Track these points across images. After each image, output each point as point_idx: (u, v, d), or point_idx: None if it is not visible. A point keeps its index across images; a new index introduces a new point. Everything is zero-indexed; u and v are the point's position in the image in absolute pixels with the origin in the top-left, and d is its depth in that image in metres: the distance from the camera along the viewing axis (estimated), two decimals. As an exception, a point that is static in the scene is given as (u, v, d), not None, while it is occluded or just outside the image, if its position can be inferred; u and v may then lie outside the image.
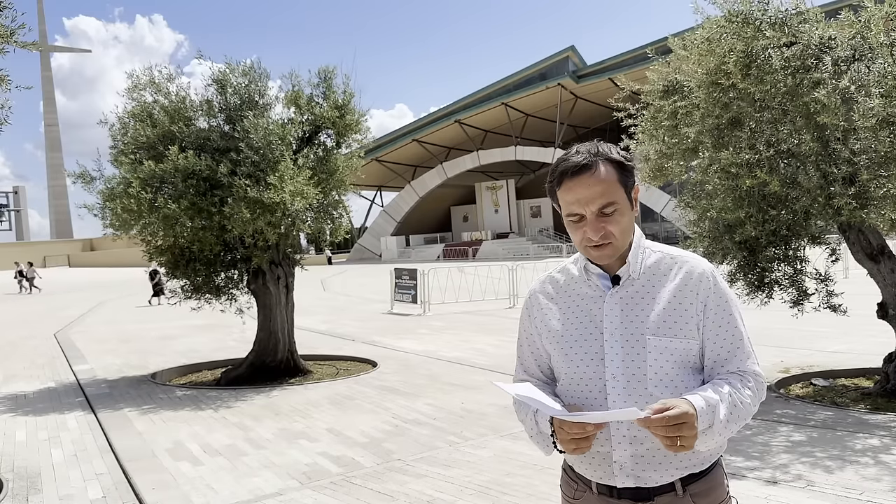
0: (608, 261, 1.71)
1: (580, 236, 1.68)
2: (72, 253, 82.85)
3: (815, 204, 5.92)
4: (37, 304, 25.05)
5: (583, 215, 1.65)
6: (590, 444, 1.58)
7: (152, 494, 4.83)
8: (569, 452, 1.62)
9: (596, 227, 1.65)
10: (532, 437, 1.77)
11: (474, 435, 5.94)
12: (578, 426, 1.54)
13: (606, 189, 1.64)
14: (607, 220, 1.65)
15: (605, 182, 1.64)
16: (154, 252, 8.84)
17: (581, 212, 1.65)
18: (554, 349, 1.77)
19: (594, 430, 1.55)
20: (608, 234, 1.65)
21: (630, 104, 7.06)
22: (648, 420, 1.49)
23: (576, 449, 1.58)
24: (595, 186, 1.63)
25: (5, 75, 4.74)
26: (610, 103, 7.45)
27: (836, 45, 5.45)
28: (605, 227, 1.65)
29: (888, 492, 4.20)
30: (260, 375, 8.87)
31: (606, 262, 1.72)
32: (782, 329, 9.37)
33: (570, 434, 1.56)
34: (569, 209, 1.67)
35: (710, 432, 1.56)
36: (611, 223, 1.65)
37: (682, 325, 1.67)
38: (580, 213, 1.65)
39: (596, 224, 1.65)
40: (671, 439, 1.49)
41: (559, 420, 1.57)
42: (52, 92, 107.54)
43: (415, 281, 16.81)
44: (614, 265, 1.73)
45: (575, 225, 1.68)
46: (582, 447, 1.58)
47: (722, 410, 1.57)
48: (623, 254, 1.72)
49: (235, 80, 8.63)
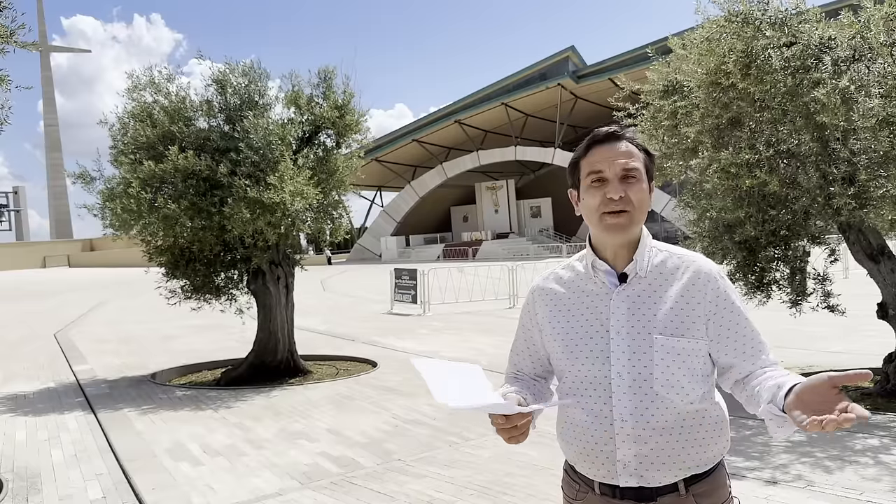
0: (622, 231, 1.68)
1: (599, 199, 1.67)
2: (72, 253, 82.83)
3: (814, 204, 5.92)
4: (37, 304, 25.04)
5: (605, 178, 1.67)
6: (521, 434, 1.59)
7: (152, 494, 4.83)
8: (506, 442, 1.63)
9: (618, 187, 1.66)
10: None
11: (474, 435, 5.94)
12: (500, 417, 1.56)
13: (632, 156, 1.68)
14: (628, 185, 1.66)
15: (631, 152, 1.69)
16: (154, 252, 8.84)
17: (605, 169, 1.67)
18: (558, 347, 1.75)
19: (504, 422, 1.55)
20: (627, 198, 1.65)
21: (630, 104, 7.05)
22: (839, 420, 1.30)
23: (509, 439, 1.60)
24: (622, 150, 1.68)
25: (5, 75, 4.74)
26: (610, 103, 7.44)
27: (836, 45, 5.45)
28: (626, 190, 1.66)
29: (888, 492, 4.20)
30: (260, 375, 8.87)
31: (620, 231, 1.68)
32: (782, 329, 9.37)
33: (497, 424, 1.58)
34: (592, 167, 1.69)
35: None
36: (631, 189, 1.66)
37: (690, 325, 1.66)
38: (603, 173, 1.67)
39: (618, 185, 1.66)
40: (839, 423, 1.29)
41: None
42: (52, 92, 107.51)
43: (415, 281, 16.81)
44: (621, 262, 1.72)
45: (596, 189, 1.68)
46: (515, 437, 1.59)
47: None
48: (631, 249, 1.71)
49: (235, 80, 8.64)
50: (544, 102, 47.22)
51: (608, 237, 1.70)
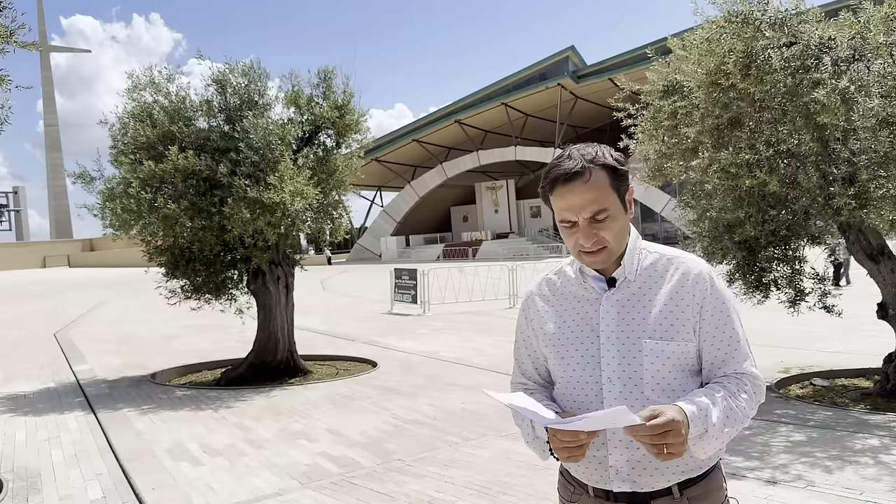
0: (602, 266, 1.70)
1: (573, 242, 1.67)
2: (72, 253, 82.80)
3: (814, 204, 5.92)
4: (37, 304, 25.04)
5: (575, 222, 1.64)
6: (583, 453, 1.56)
7: (152, 494, 4.83)
8: (563, 460, 1.60)
9: (588, 233, 1.63)
10: (528, 442, 1.76)
11: (474, 435, 5.94)
12: (571, 434, 1.52)
13: (598, 196, 1.61)
14: (599, 226, 1.63)
15: (596, 189, 1.61)
16: (154, 252, 8.84)
17: (573, 218, 1.64)
18: (550, 352, 1.76)
19: (587, 439, 1.53)
20: (601, 239, 1.64)
21: (630, 104, 7.05)
22: (634, 429, 1.47)
23: (569, 457, 1.56)
24: (586, 194, 1.61)
25: (5, 75, 4.74)
26: (610, 103, 7.44)
27: (836, 46, 5.45)
28: (597, 234, 1.63)
29: (888, 492, 4.20)
30: (260, 375, 8.87)
31: (601, 267, 1.70)
32: (782, 329, 9.37)
33: (563, 442, 1.54)
34: (561, 216, 1.66)
35: (705, 437, 1.55)
36: (603, 229, 1.64)
37: (679, 328, 1.65)
38: (572, 220, 1.64)
39: (588, 231, 1.63)
40: (657, 447, 1.47)
41: (552, 428, 1.55)
42: (52, 92, 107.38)
43: (415, 281, 16.81)
44: (610, 267, 1.72)
45: (568, 231, 1.67)
46: (576, 455, 1.55)
47: (715, 415, 1.55)
48: (619, 256, 1.71)
49: (235, 80, 8.64)
50: (544, 102, 47.20)
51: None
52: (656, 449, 1.48)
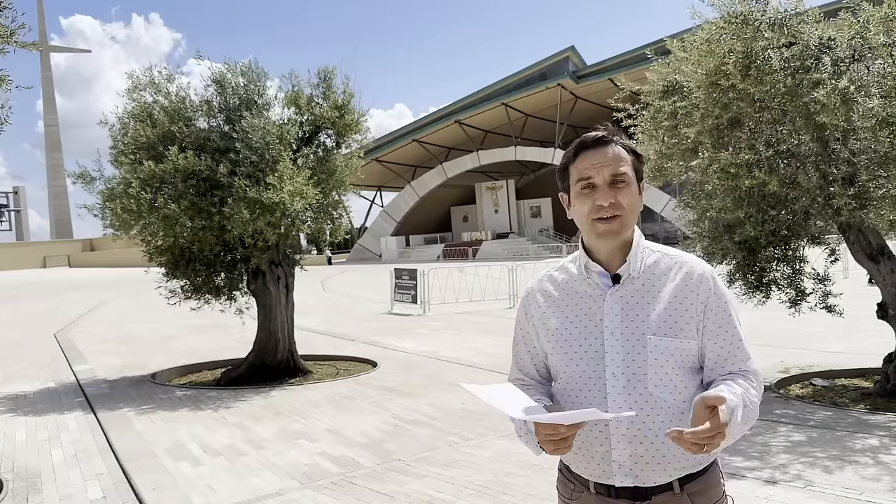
0: (614, 237, 1.70)
1: (589, 206, 1.68)
2: (72, 253, 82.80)
3: (814, 204, 5.92)
4: (37, 304, 25.04)
5: (594, 184, 1.67)
6: (569, 445, 1.56)
7: (152, 494, 4.84)
8: (549, 453, 1.61)
9: (607, 193, 1.67)
10: (521, 436, 1.76)
11: (474, 435, 5.94)
12: (551, 427, 1.52)
13: (621, 161, 1.69)
14: (618, 190, 1.67)
15: (621, 157, 1.69)
16: (154, 252, 8.85)
17: (594, 175, 1.68)
18: (553, 348, 1.76)
19: (567, 432, 1.53)
20: (618, 203, 1.67)
21: (630, 104, 7.05)
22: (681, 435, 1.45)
23: (555, 450, 1.57)
24: (612, 155, 1.69)
25: (5, 75, 4.74)
26: (610, 103, 7.44)
27: (836, 46, 5.45)
28: (615, 196, 1.67)
29: (887, 492, 4.20)
30: (260, 376, 8.87)
31: (613, 237, 1.70)
32: (782, 329, 9.37)
33: (545, 435, 1.54)
34: (581, 174, 1.70)
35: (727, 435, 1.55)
36: (621, 194, 1.67)
37: (683, 326, 1.67)
38: (592, 180, 1.68)
39: (607, 191, 1.67)
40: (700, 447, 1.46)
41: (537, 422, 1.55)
42: (52, 92, 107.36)
43: (415, 281, 16.81)
44: (614, 263, 1.73)
45: (585, 195, 1.69)
46: (560, 448, 1.56)
47: (739, 412, 1.57)
48: (624, 250, 1.72)
49: (234, 80, 8.64)
50: (544, 102, 47.22)
51: (601, 243, 1.72)
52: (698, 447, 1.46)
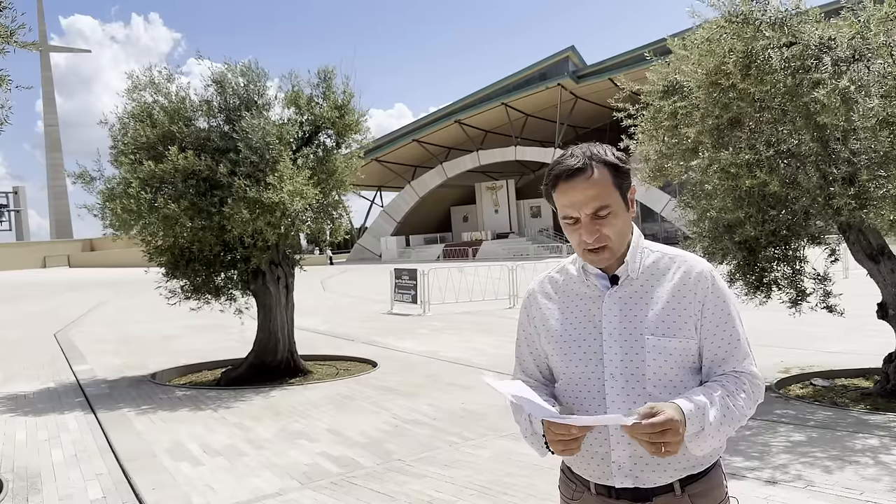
0: (605, 264, 1.72)
1: (576, 239, 1.69)
2: (72, 253, 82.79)
3: (814, 204, 5.92)
4: (37, 304, 25.04)
5: (577, 218, 1.66)
6: (578, 446, 1.57)
7: (152, 494, 4.84)
8: (558, 453, 1.62)
9: (591, 229, 1.65)
10: (526, 437, 1.77)
11: (474, 435, 5.94)
12: (564, 427, 1.53)
13: (600, 192, 1.64)
14: (602, 222, 1.65)
15: (598, 185, 1.64)
16: (154, 252, 8.85)
17: (575, 215, 1.66)
18: (552, 349, 1.77)
19: (579, 433, 1.54)
20: (603, 236, 1.66)
21: (630, 104, 7.05)
22: (632, 427, 1.49)
23: (564, 450, 1.58)
24: (589, 190, 1.64)
25: (5, 75, 4.73)
26: (610, 103, 7.44)
27: (836, 46, 5.45)
28: (599, 230, 1.65)
29: (887, 492, 4.20)
30: (260, 376, 8.87)
31: (604, 265, 1.72)
32: (782, 329, 9.37)
33: (556, 435, 1.55)
34: (564, 212, 1.69)
35: (702, 436, 1.57)
36: (605, 226, 1.66)
37: (681, 325, 1.67)
38: (575, 217, 1.66)
39: (591, 227, 1.65)
40: (655, 445, 1.49)
41: (547, 421, 1.57)
42: (52, 92, 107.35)
43: (415, 281, 16.81)
44: (613, 265, 1.73)
45: (571, 228, 1.69)
46: (570, 448, 1.57)
47: (712, 414, 1.57)
48: (621, 254, 1.72)
49: (234, 80, 8.64)
50: (544, 102, 47.22)
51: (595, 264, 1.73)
52: (654, 447, 1.50)
